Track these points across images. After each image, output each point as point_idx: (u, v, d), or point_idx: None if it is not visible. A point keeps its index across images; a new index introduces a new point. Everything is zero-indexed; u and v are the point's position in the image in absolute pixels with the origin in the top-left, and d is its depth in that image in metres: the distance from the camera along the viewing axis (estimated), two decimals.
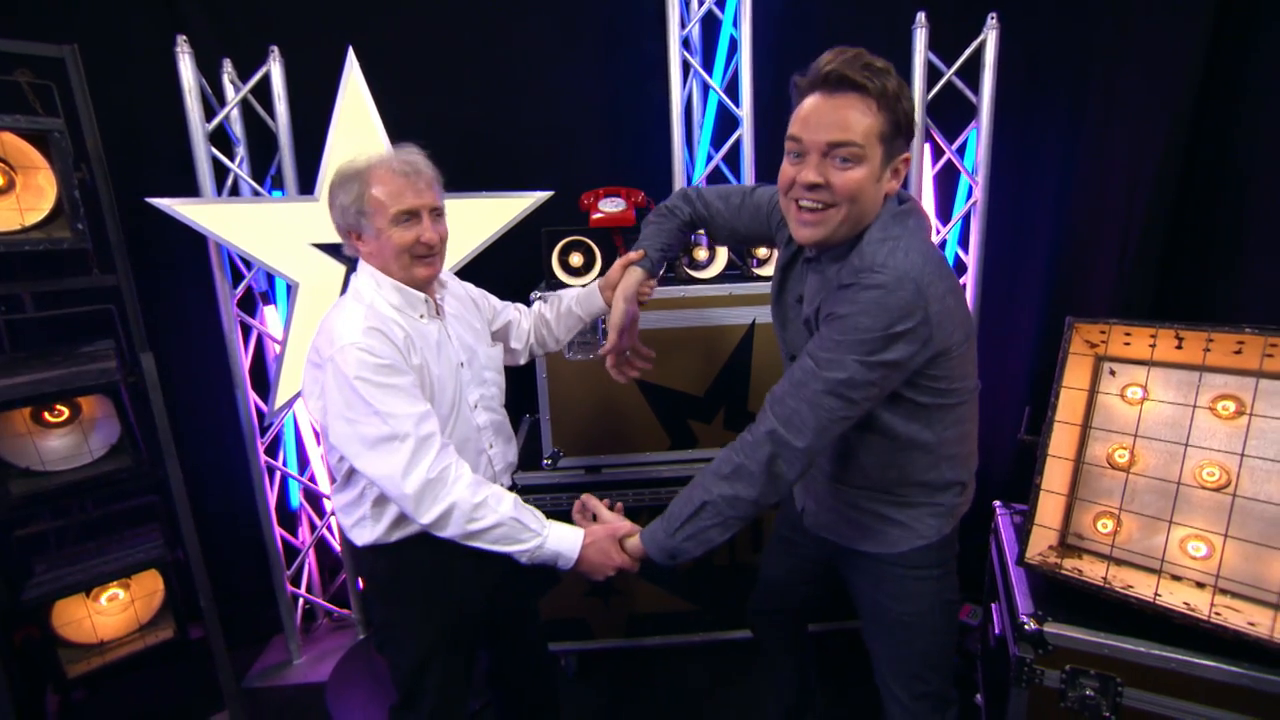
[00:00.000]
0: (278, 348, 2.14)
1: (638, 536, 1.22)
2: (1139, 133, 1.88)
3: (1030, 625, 1.35)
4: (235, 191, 2.03)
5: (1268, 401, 1.31)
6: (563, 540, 1.21)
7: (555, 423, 1.94)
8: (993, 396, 1.68)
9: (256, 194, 2.04)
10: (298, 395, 1.91)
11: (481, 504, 1.16)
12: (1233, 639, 1.21)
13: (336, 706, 2.08)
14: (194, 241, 1.95)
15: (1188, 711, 1.25)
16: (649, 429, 1.96)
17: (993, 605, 1.70)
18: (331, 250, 1.82)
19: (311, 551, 2.39)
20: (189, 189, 1.91)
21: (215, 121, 1.92)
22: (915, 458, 1.17)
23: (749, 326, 1.90)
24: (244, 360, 2.06)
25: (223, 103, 1.98)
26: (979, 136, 2.06)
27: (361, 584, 1.33)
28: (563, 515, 1.29)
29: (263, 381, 2.20)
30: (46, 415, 1.74)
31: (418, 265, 1.22)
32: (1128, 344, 1.48)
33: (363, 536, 1.30)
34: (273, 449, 2.22)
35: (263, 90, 1.95)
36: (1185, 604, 1.28)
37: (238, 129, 2.03)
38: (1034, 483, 1.45)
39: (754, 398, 1.95)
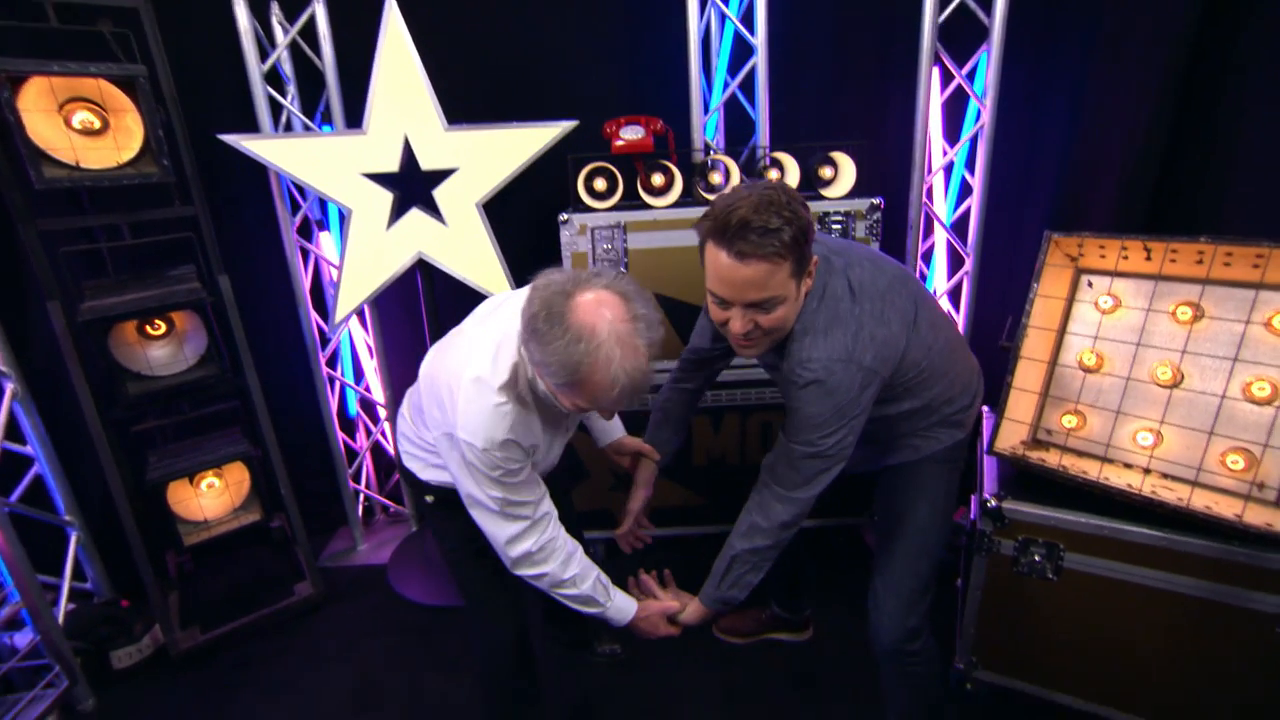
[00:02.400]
0: (334, 271, 2.39)
1: (691, 606, 1.44)
2: (1146, 57, 1.91)
3: (992, 503, 1.54)
4: (289, 127, 2.23)
5: (1219, 305, 1.44)
6: (621, 610, 1.40)
7: None
8: (1000, 312, 1.81)
9: (308, 129, 2.24)
10: (353, 312, 2.15)
11: (568, 581, 1.31)
12: (1161, 511, 1.40)
13: (397, 582, 2.42)
14: (255, 174, 2.17)
15: (1115, 570, 1.45)
16: (669, 341, 2.08)
17: (972, 495, 1.89)
18: (380, 179, 2.02)
19: (368, 454, 2.70)
20: (249, 126, 2.11)
21: (269, 62, 2.11)
22: (914, 416, 1.39)
23: None
24: (305, 281, 2.31)
25: (273, 45, 2.16)
26: (989, 60, 2.11)
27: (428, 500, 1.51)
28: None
29: (321, 301, 2.45)
30: (148, 328, 2.02)
31: (581, 413, 1.31)
32: (1103, 256, 1.60)
33: (425, 475, 1.44)
34: (331, 361, 2.49)
35: (309, 32, 2.11)
36: (1127, 484, 1.46)
37: (288, 69, 2.21)
38: (1006, 381, 1.62)
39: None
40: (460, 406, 1.16)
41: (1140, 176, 1.97)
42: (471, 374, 1.16)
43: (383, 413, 2.60)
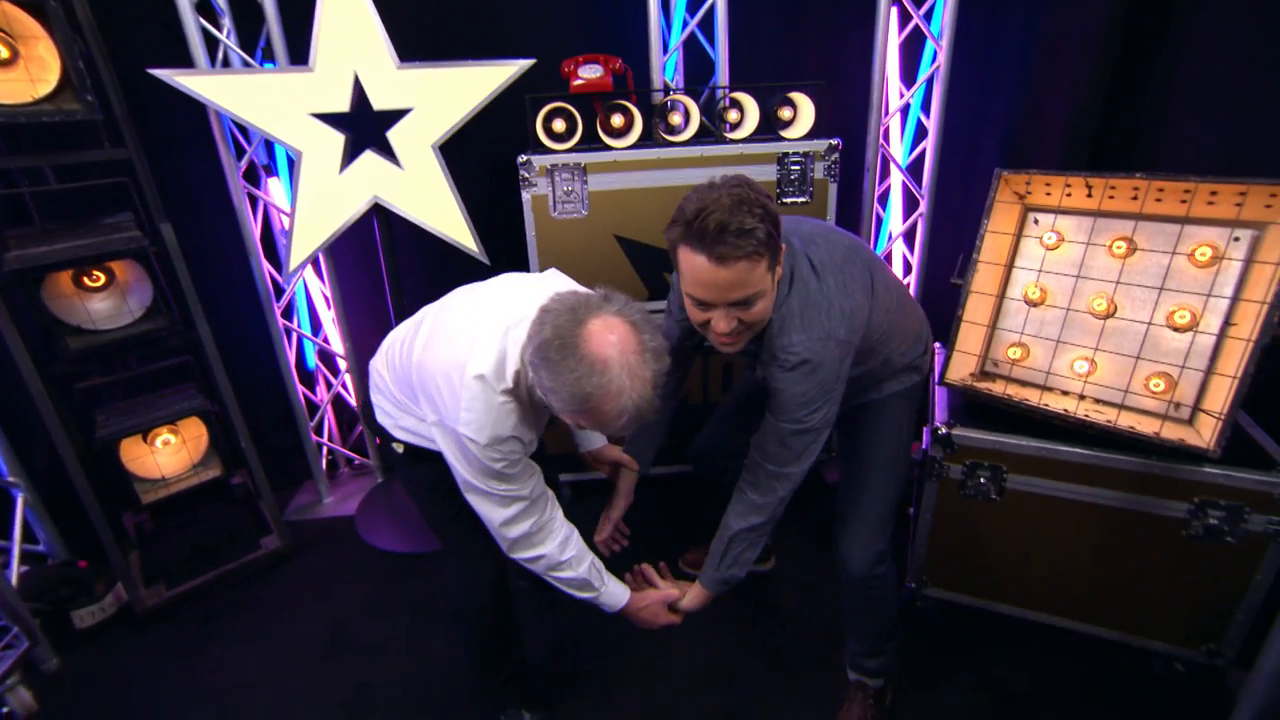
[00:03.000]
0: (285, 219, 2.30)
1: (692, 591, 1.46)
2: (1093, 2, 1.96)
3: (942, 431, 1.64)
4: (226, 63, 2.10)
5: (1150, 239, 1.53)
6: (614, 596, 1.41)
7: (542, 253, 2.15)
8: (953, 252, 1.87)
9: (248, 65, 2.11)
10: (307, 261, 2.09)
11: (566, 562, 1.33)
12: (1092, 432, 1.51)
13: (366, 532, 2.43)
14: (194, 115, 2.05)
15: (1051, 488, 1.57)
16: (628, 281, 2.18)
17: (924, 428, 1.99)
18: (331, 120, 1.94)
19: (329, 407, 2.66)
20: (182, 62, 1.98)
21: None
22: (876, 372, 1.45)
23: None
24: (255, 229, 2.22)
25: None
26: (946, 1, 2.12)
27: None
28: None
29: (272, 250, 2.37)
30: (86, 280, 1.92)
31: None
32: (1048, 194, 1.67)
33: (398, 433, 1.44)
34: (287, 313, 2.42)
35: None
36: (1064, 409, 1.57)
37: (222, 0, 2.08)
38: (957, 315, 1.69)
39: None
40: (464, 402, 1.14)
41: (1085, 118, 2.04)
42: (475, 371, 1.14)
43: (343, 364, 2.55)
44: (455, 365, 1.16)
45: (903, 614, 1.82)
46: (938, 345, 2.01)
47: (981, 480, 1.63)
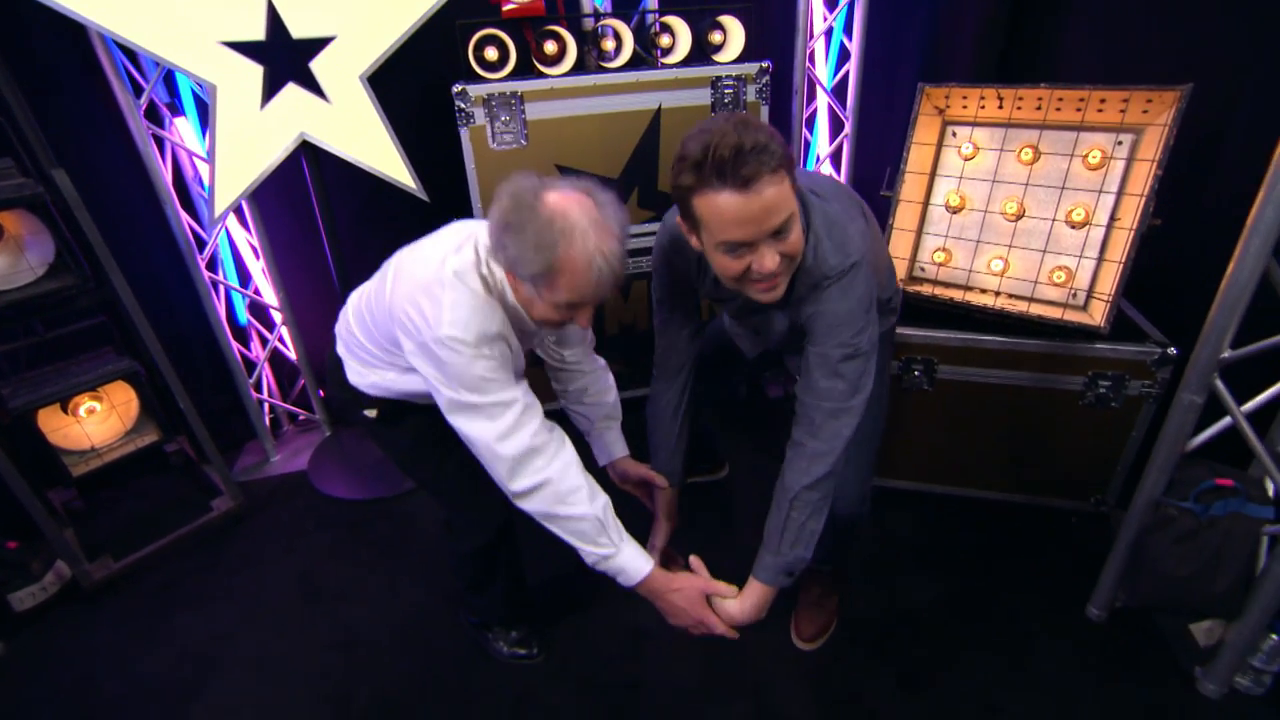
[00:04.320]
0: (197, 163, 2.15)
1: (748, 591, 1.25)
2: None
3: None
4: None
5: (1052, 145, 1.70)
6: (631, 560, 1.22)
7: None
8: (877, 171, 1.99)
9: None
10: (231, 208, 1.96)
11: (576, 490, 1.18)
12: (1008, 322, 1.71)
13: (321, 483, 2.40)
14: (73, 45, 1.85)
15: (975, 373, 1.78)
16: None
17: None
18: (245, 49, 1.80)
19: (266, 364, 2.56)
20: None
21: None
22: None
23: (655, 111, 2.10)
24: (166, 175, 2.06)
25: None
26: None
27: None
28: None
29: (184, 197, 2.20)
30: None
31: (551, 328, 1.27)
32: (965, 106, 1.81)
33: (367, 385, 1.41)
34: (210, 265, 2.28)
35: None
36: (984, 304, 1.75)
37: None
38: (888, 224, 1.83)
39: (662, 177, 2.20)
40: (446, 305, 1.11)
41: (992, 34, 2.19)
42: (452, 268, 1.13)
43: (278, 317, 2.45)
44: (433, 279, 1.14)
45: None
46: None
47: (916, 373, 1.81)
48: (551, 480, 1.18)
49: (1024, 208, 1.77)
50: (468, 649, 1.74)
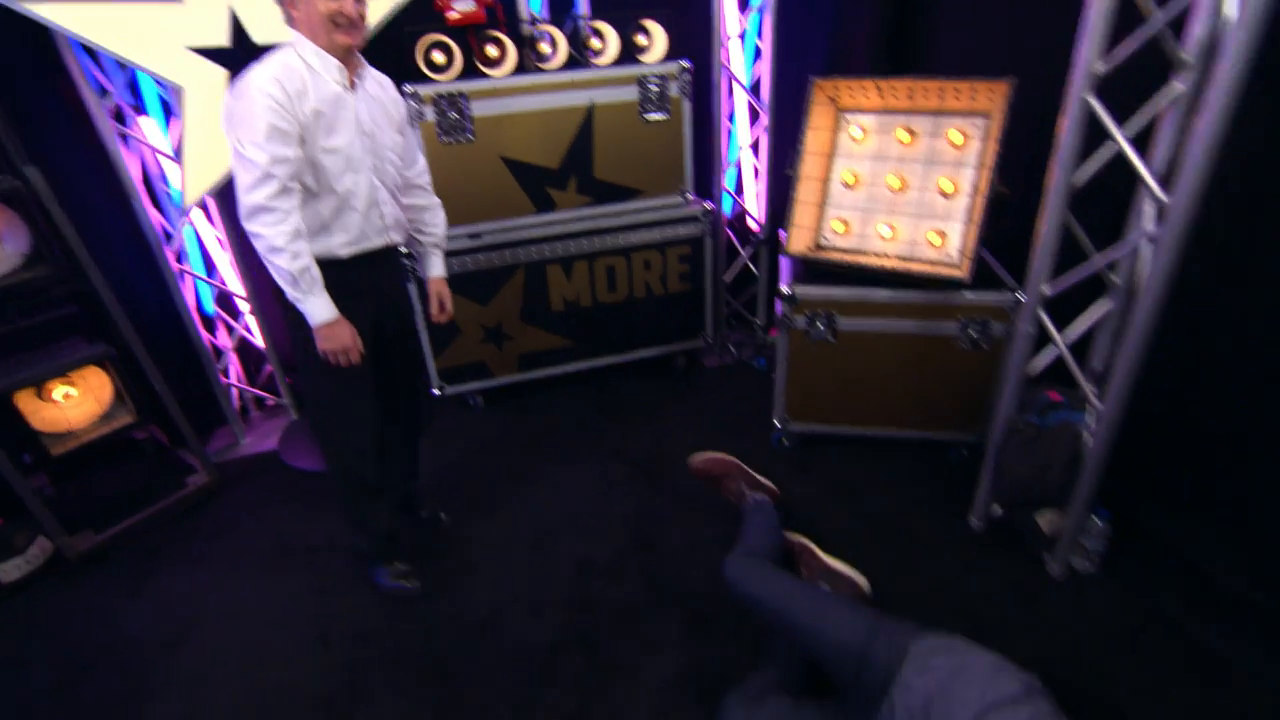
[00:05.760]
0: (162, 160, 2.30)
1: None
2: None
3: (787, 290, 2.08)
4: None
5: (922, 127, 2.01)
6: (316, 309, 1.53)
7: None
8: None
9: None
10: (195, 203, 2.12)
11: (280, 250, 1.45)
12: (895, 277, 2.01)
13: (291, 459, 2.56)
14: (36, 50, 1.99)
15: (870, 325, 2.08)
16: (516, 198, 2.43)
17: (777, 299, 2.45)
18: (211, 55, 1.98)
19: (233, 353, 2.71)
20: None
21: None
22: None
23: (589, 108, 2.35)
24: (135, 172, 2.21)
25: None
26: None
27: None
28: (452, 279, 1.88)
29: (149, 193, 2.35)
30: None
31: (338, 33, 1.45)
32: (852, 96, 2.11)
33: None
34: (178, 257, 2.43)
35: None
36: (876, 265, 2.05)
37: None
38: (791, 197, 2.12)
39: (598, 167, 2.45)
40: (250, 72, 1.42)
41: (882, 30, 2.52)
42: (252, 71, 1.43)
43: (244, 306, 2.60)
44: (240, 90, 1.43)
45: (768, 446, 2.31)
46: (782, 230, 2.45)
47: (820, 326, 2.10)
48: (269, 238, 1.45)
49: (906, 182, 2.07)
50: (436, 581, 1.94)
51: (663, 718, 1.53)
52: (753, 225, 3.08)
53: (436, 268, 1.91)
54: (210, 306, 2.62)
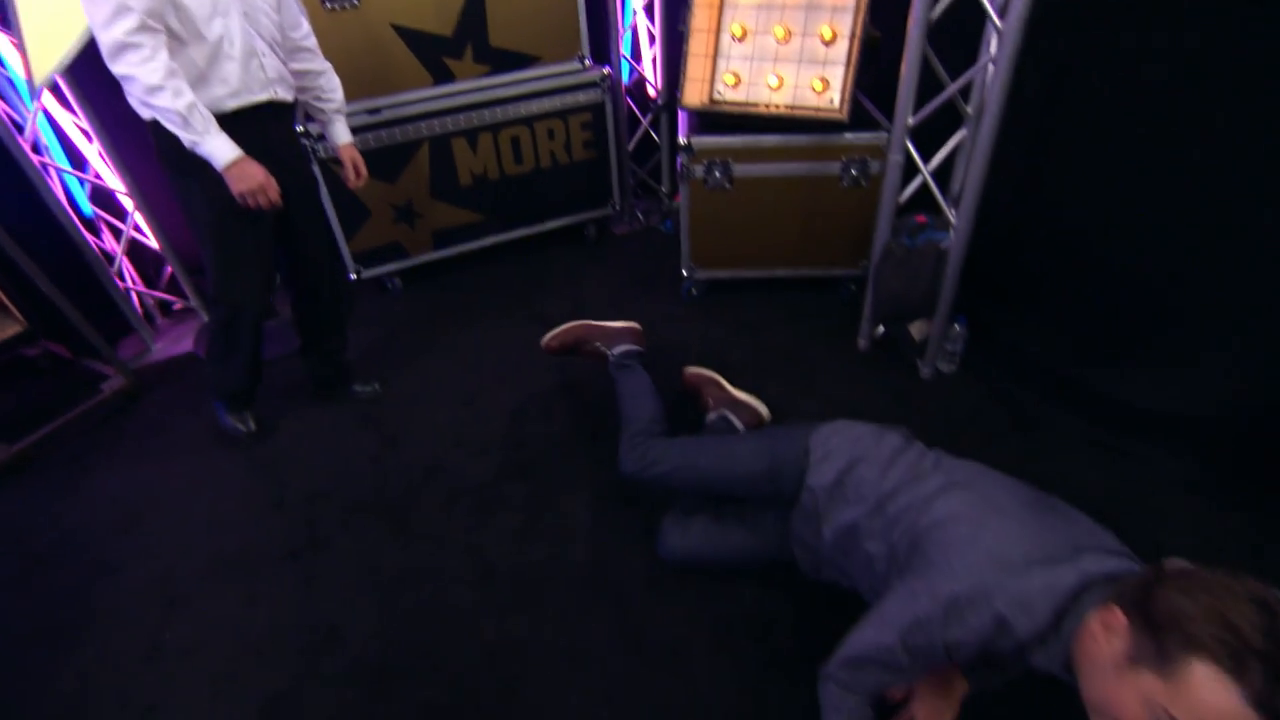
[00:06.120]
0: None
1: None
2: None
3: (684, 141, 2.19)
4: None
5: None
6: (218, 148, 1.52)
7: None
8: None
9: None
10: (45, 84, 1.95)
11: (159, 88, 1.40)
12: (782, 122, 2.15)
13: None
14: None
15: (762, 169, 2.24)
16: (412, 70, 2.36)
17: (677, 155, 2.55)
18: None
19: (124, 257, 2.57)
20: None
21: None
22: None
23: None
24: None
25: None
26: None
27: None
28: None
29: None
30: None
31: None
32: None
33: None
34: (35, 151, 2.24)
35: None
36: (765, 113, 2.17)
37: None
38: (684, 50, 2.18)
39: (493, 33, 2.40)
40: None
41: None
42: None
43: (129, 203, 2.46)
44: None
45: (679, 298, 2.50)
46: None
47: (717, 174, 2.24)
48: (137, 78, 1.41)
49: (789, 31, 2.17)
50: (379, 443, 2.07)
51: (604, 520, 1.77)
52: (651, 92, 3.11)
53: (343, 134, 1.91)
54: (87, 207, 2.46)
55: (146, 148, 1.61)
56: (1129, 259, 1.84)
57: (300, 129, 2.21)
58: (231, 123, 1.58)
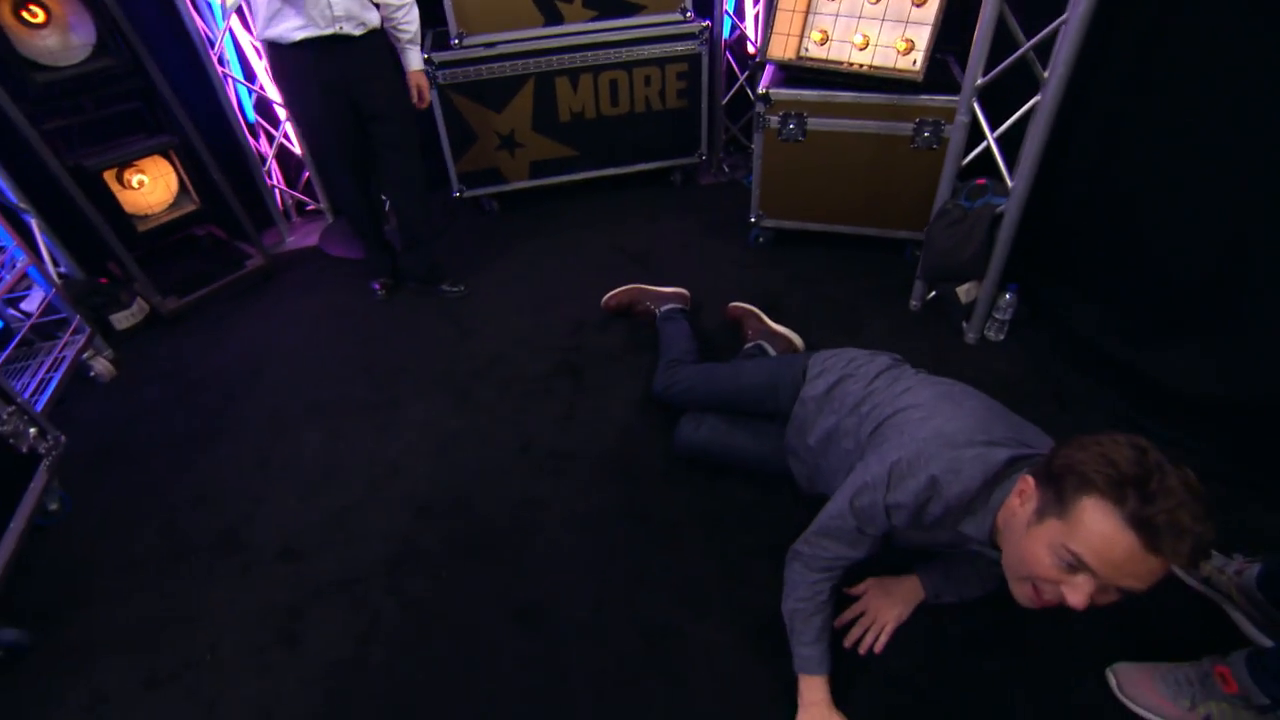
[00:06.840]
0: None
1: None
2: None
3: (763, 91, 2.30)
4: None
5: None
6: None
7: (456, 9, 2.54)
8: None
9: None
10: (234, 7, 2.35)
11: None
12: (860, 79, 2.21)
13: (330, 249, 2.96)
14: None
15: (833, 123, 2.31)
16: (525, 10, 2.61)
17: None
18: None
19: (274, 160, 3.03)
20: None
21: None
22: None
23: None
24: None
25: None
26: None
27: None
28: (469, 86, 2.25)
29: None
30: (25, 14, 2.10)
31: None
32: None
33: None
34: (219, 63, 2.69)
35: None
36: (849, 70, 2.25)
37: None
38: (774, 4, 2.28)
39: None
40: None
41: None
42: None
43: (283, 114, 2.89)
44: None
45: (746, 246, 2.63)
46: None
47: (791, 125, 2.34)
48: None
49: None
50: (456, 333, 2.38)
51: (633, 419, 1.99)
52: (750, 49, 3.20)
53: (415, 62, 2.25)
54: (251, 114, 2.91)
55: None
56: (1191, 243, 1.79)
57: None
58: (298, 50, 1.91)
